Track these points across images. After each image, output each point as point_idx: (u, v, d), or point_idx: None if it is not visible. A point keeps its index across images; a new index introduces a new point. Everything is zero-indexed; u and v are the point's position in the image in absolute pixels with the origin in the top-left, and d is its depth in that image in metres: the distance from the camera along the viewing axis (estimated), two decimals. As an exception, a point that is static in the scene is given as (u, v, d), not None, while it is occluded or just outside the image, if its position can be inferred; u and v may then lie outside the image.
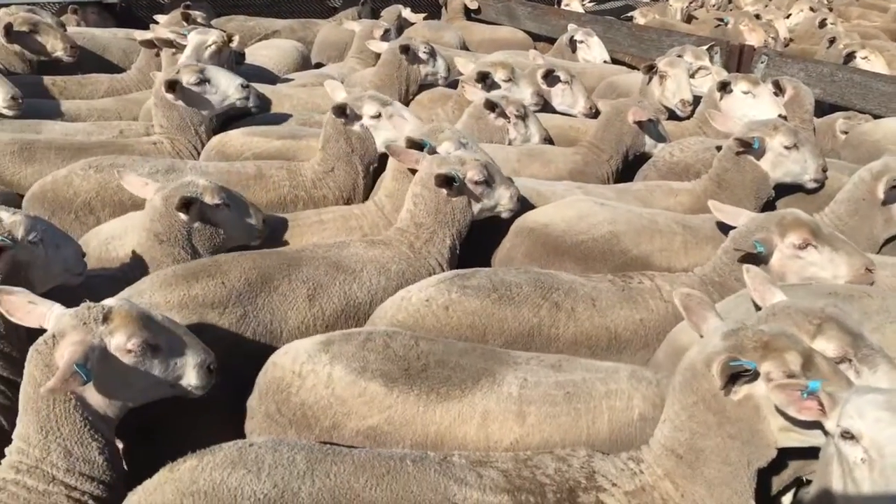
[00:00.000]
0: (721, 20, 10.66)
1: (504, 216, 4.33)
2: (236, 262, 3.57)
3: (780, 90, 6.11)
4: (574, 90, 6.52)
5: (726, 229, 4.00)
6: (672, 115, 6.43)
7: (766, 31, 10.07)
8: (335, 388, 2.88)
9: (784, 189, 5.00)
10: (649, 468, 2.58)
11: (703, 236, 4.29)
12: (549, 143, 5.79)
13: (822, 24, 10.84)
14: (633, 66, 8.71)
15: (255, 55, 7.60)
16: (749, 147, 4.69)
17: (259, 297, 3.49)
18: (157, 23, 7.38)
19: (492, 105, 5.50)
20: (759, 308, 3.17)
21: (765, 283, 3.18)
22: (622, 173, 5.59)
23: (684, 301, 2.86)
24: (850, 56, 8.50)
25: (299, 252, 3.80)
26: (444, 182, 3.93)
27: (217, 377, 2.92)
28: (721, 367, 2.43)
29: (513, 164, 5.17)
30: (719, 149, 4.98)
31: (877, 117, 6.48)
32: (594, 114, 6.36)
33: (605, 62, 8.47)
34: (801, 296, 3.29)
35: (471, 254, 4.30)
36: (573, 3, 11.39)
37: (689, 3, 12.11)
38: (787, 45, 10.44)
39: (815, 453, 2.56)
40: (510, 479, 2.49)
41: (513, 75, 6.24)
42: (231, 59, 6.52)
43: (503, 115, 5.53)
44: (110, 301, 2.74)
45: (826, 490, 2.44)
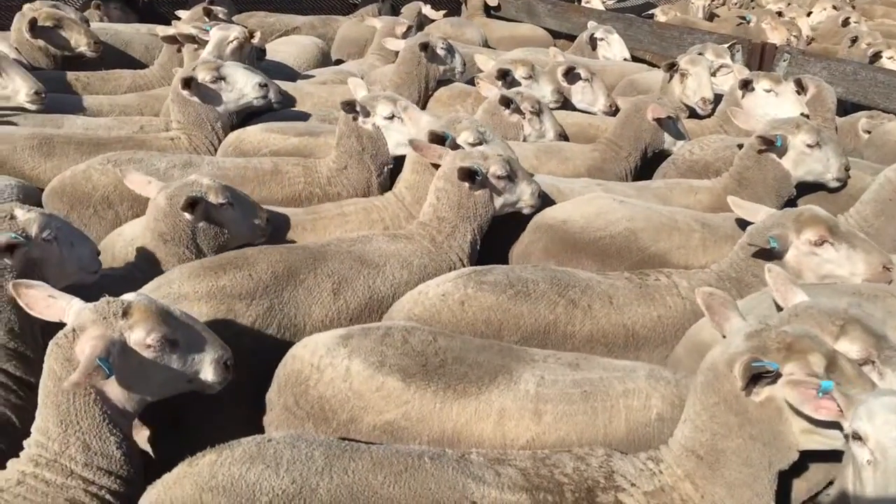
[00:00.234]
0: (743, 18, 10.58)
1: (525, 212, 4.34)
2: (264, 255, 3.60)
3: (802, 89, 6.05)
4: (594, 88, 6.49)
5: (745, 227, 3.97)
6: (693, 114, 6.38)
7: (788, 29, 9.98)
8: (353, 382, 2.89)
9: (806, 188, 4.94)
10: (669, 468, 2.56)
11: (721, 234, 4.26)
12: (565, 140, 5.77)
13: (846, 22, 10.72)
14: (653, 64, 8.64)
15: (275, 51, 7.61)
16: (771, 145, 4.65)
17: (285, 291, 3.53)
18: (179, 19, 7.43)
19: (506, 101, 5.48)
20: (780, 308, 3.13)
21: (787, 283, 3.14)
22: (640, 171, 5.55)
23: (706, 300, 2.83)
24: (876, 56, 8.41)
25: (324, 246, 3.82)
26: (467, 175, 3.95)
27: (234, 373, 2.92)
28: (743, 367, 2.41)
29: (531, 161, 5.15)
30: (741, 147, 4.94)
31: (900, 117, 6.40)
32: (614, 112, 6.33)
33: (626, 60, 8.41)
34: (823, 295, 3.25)
35: (488, 251, 4.30)
36: (594, 1, 11.32)
37: (711, 0, 12.01)
38: (809, 43, 10.33)
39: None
40: (528, 477, 2.48)
41: (533, 72, 6.22)
42: (252, 56, 6.53)
43: (518, 111, 5.51)
44: (130, 296, 2.74)
45: (843, 491, 2.42)
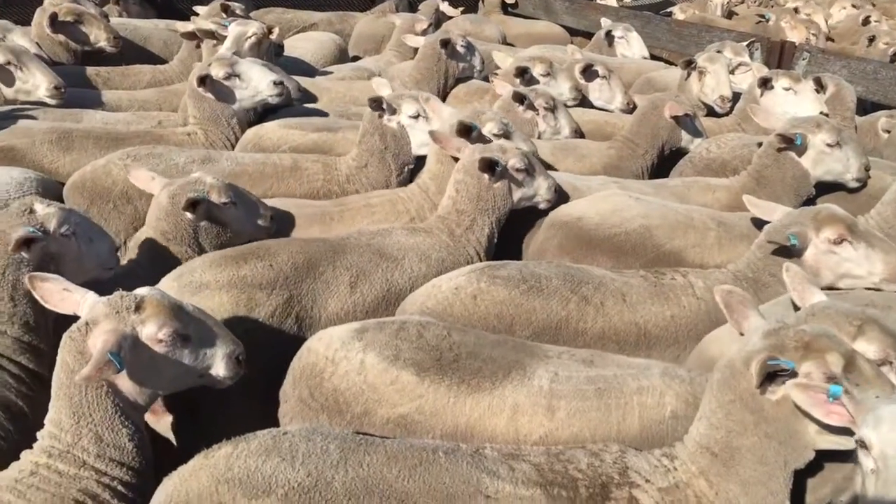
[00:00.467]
0: (762, 16, 10.50)
1: (542, 206, 4.35)
2: (285, 247, 3.65)
3: (821, 87, 5.98)
4: (612, 85, 6.46)
5: (762, 227, 3.94)
6: (710, 112, 6.34)
7: (807, 27, 9.89)
8: (367, 375, 2.90)
9: (825, 188, 4.90)
10: (683, 465, 2.56)
11: (737, 233, 4.23)
12: (581, 137, 5.76)
13: (866, 21, 10.62)
14: (670, 62, 8.59)
15: (293, 48, 7.63)
16: (791, 143, 4.61)
17: (304, 282, 3.56)
18: (197, 14, 7.47)
19: (520, 97, 5.48)
20: (798, 308, 3.11)
21: (804, 283, 3.13)
22: (657, 169, 5.53)
23: (725, 298, 2.81)
24: (897, 55, 8.34)
25: (344, 239, 3.85)
26: (487, 167, 3.98)
27: (245, 368, 2.93)
28: (759, 365, 2.40)
29: (547, 159, 5.14)
30: (760, 145, 4.90)
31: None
32: (631, 109, 6.29)
33: (644, 58, 8.38)
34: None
35: (503, 248, 4.31)
36: (609, -2, 11.27)
37: (730, -2, 11.94)
38: (827, 39, 10.24)
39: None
40: (542, 473, 2.49)
41: (551, 70, 6.21)
42: (271, 52, 6.55)
43: (531, 107, 5.51)
44: (142, 290, 2.76)
45: (853, 495, 2.42)
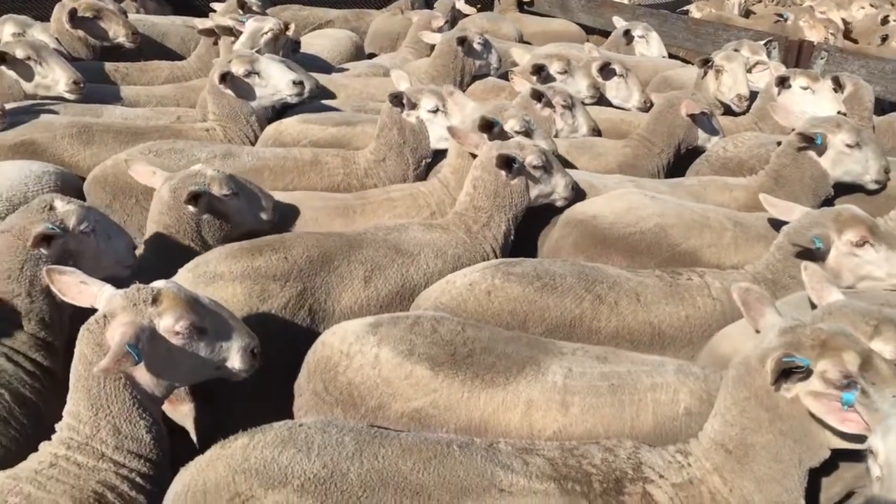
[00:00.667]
0: (781, 16, 10.44)
1: (559, 204, 4.35)
2: (300, 240, 3.67)
3: (839, 86, 5.94)
4: (629, 84, 6.44)
5: (779, 227, 3.92)
6: (727, 111, 6.31)
7: (826, 27, 9.83)
8: (382, 369, 2.91)
9: (843, 188, 4.86)
10: (697, 462, 2.55)
11: (754, 233, 4.21)
12: (598, 135, 5.75)
13: (885, 20, 10.52)
14: (687, 61, 8.56)
15: (309, 44, 7.65)
16: (811, 142, 4.58)
17: (318, 275, 3.57)
18: (214, 11, 7.51)
19: (538, 95, 5.47)
20: (815, 307, 3.10)
21: (823, 282, 3.12)
22: (673, 168, 5.50)
23: (742, 296, 2.81)
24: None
25: (361, 234, 3.87)
26: (505, 163, 3.99)
27: (261, 361, 2.95)
28: (774, 362, 2.40)
29: (562, 157, 5.12)
30: (779, 144, 4.87)
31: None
32: (648, 108, 6.28)
33: (662, 58, 8.35)
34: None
35: (518, 246, 4.30)
36: (625, -4, 11.23)
37: (747, -3, 11.88)
38: (845, 37, 10.17)
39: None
40: (556, 467, 2.49)
41: (568, 67, 6.19)
42: (288, 48, 6.58)
43: (549, 105, 5.50)
44: (159, 283, 2.77)
45: (867, 498, 2.40)
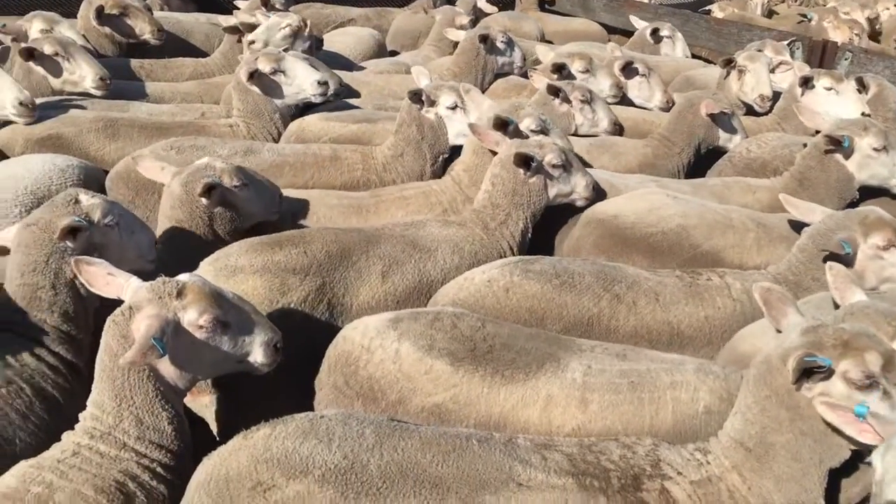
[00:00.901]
0: (804, 16, 10.36)
1: (579, 204, 4.35)
2: (319, 235, 3.71)
3: (863, 87, 5.88)
4: (652, 83, 6.40)
5: (802, 229, 3.90)
6: (749, 111, 6.27)
7: (850, 27, 9.74)
8: (402, 364, 2.94)
9: (868, 192, 4.81)
10: (716, 459, 2.55)
11: (777, 235, 4.19)
12: (620, 128, 5.74)
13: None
14: (709, 61, 8.52)
15: (331, 42, 7.69)
16: (838, 145, 4.54)
17: (337, 270, 3.60)
18: (237, 8, 7.57)
19: (555, 90, 5.46)
20: (837, 307, 3.09)
21: (847, 282, 3.11)
22: (695, 168, 5.48)
23: (764, 295, 2.81)
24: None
25: (379, 230, 3.90)
26: (523, 161, 4.00)
27: (283, 355, 2.98)
28: (796, 361, 2.40)
29: (582, 156, 5.10)
30: (805, 146, 4.83)
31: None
32: (670, 108, 6.25)
33: (686, 58, 8.31)
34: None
35: (536, 246, 4.30)
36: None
37: (770, -4, 11.81)
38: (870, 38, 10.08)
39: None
40: (575, 462, 2.50)
41: (590, 66, 6.17)
42: (312, 46, 6.62)
43: (567, 100, 5.50)
44: (184, 277, 2.81)
45: None
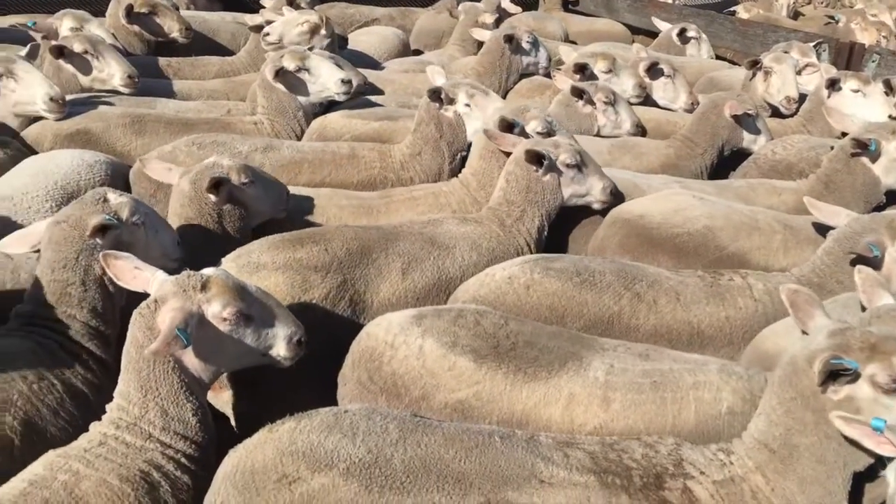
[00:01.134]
0: (832, 18, 10.26)
1: (595, 207, 4.35)
2: (340, 232, 3.74)
3: (890, 90, 5.83)
4: (676, 84, 6.37)
5: (827, 231, 3.88)
6: (775, 113, 6.23)
7: (878, 29, 9.64)
8: (426, 360, 2.96)
9: (894, 196, 4.76)
10: (740, 460, 2.55)
11: (804, 237, 4.17)
12: (643, 130, 5.73)
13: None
14: (733, 62, 8.46)
15: (356, 41, 7.74)
16: (865, 148, 4.50)
17: (357, 267, 3.64)
18: (263, 7, 7.63)
19: (578, 92, 5.46)
20: (864, 310, 3.08)
21: (875, 286, 3.10)
22: (719, 169, 5.45)
23: (791, 297, 2.80)
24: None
25: (397, 227, 3.93)
26: (534, 159, 4.02)
27: (305, 350, 3.01)
28: (822, 364, 2.39)
29: (604, 157, 5.12)
30: (832, 149, 4.79)
31: None
32: (695, 109, 6.22)
33: (711, 59, 8.26)
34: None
35: (558, 248, 4.31)
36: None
37: (796, -1, 11.71)
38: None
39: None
40: (597, 460, 2.51)
41: (613, 66, 6.16)
42: (333, 44, 6.66)
43: (590, 101, 5.49)
44: (209, 270, 2.85)
45: None
